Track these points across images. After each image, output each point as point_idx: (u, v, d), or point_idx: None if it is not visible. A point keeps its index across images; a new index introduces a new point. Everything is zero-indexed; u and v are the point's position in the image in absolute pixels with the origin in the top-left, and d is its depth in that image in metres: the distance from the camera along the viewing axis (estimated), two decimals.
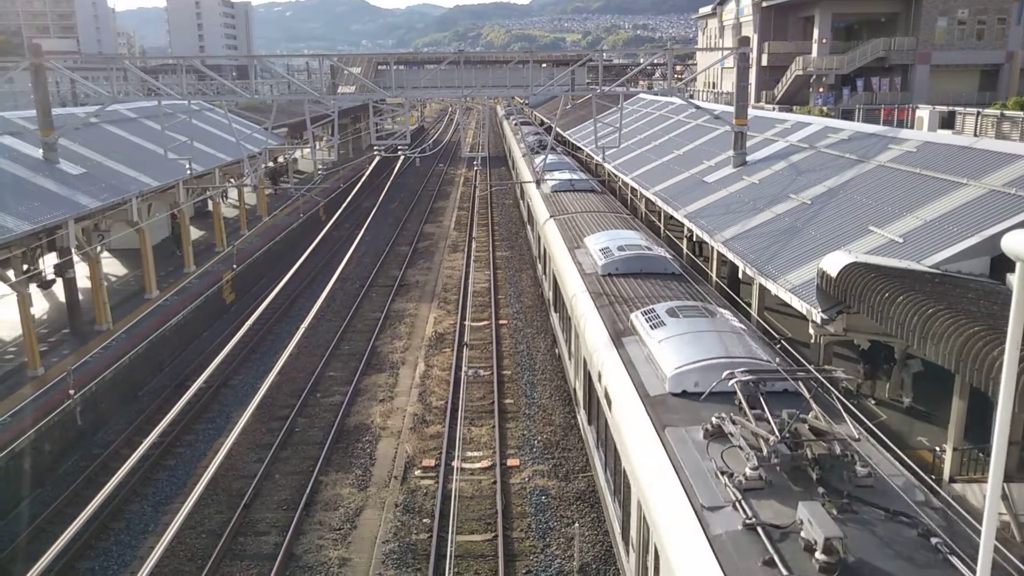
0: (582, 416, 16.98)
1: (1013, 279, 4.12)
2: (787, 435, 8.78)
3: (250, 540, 15.74)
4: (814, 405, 9.63)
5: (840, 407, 10.43)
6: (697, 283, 17.75)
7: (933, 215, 16.39)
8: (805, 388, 10.13)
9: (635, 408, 11.42)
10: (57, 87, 54.34)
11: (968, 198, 16.39)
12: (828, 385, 10.64)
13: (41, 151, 26.14)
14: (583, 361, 16.09)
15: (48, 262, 24.46)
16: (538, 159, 33.15)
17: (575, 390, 18.11)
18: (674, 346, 12.33)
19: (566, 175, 33.07)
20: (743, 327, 13.61)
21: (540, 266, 28.59)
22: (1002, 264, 14.09)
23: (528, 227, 36.15)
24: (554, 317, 23.18)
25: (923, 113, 38.57)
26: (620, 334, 14.35)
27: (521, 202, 43.50)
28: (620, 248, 19.05)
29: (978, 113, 35.42)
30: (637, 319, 14.35)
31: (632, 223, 25.16)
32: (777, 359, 12.11)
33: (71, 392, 19.57)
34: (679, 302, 14.84)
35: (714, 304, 15.36)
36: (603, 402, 13.31)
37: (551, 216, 26.34)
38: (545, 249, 25.55)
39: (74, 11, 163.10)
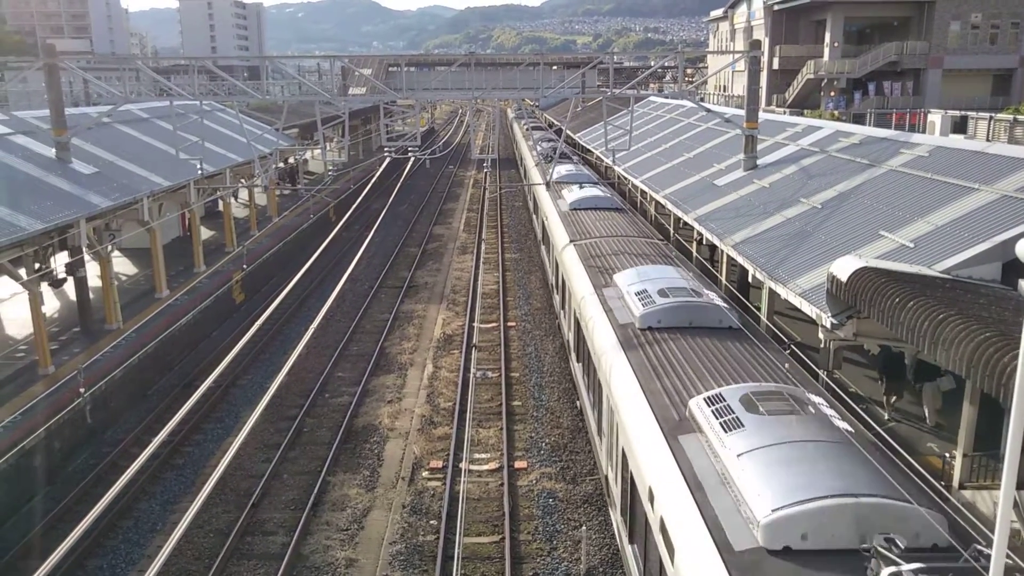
0: (618, 522, 13.14)
1: None
2: None
3: (258, 540, 15.77)
4: None
5: None
6: (763, 343, 13.65)
7: (944, 220, 16.32)
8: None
9: (713, 573, 7.64)
10: (70, 87, 54.65)
11: (980, 203, 16.31)
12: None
13: (54, 150, 26.30)
14: (621, 454, 12.39)
15: (59, 261, 24.60)
16: (553, 169, 32.58)
17: (606, 478, 14.61)
18: (762, 467, 8.40)
19: (586, 191, 29.54)
20: (849, 428, 9.70)
21: (557, 297, 25.25)
22: (1014, 270, 14.00)
23: (543, 248, 32.42)
24: (577, 369, 19.50)
25: (935, 117, 38.41)
26: (675, 429, 10.42)
27: (534, 218, 39.45)
28: (661, 293, 15.39)
29: (991, 118, 35.24)
30: (700, 410, 10.30)
31: (667, 252, 21.49)
32: (919, 499, 7.95)
33: (81, 391, 19.66)
34: (755, 385, 10.72)
35: (798, 384, 11.61)
36: (658, 538, 9.40)
37: (571, 241, 23.08)
38: (565, 281, 22.10)
39: (88, 12, 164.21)
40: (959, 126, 36.62)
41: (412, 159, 40.32)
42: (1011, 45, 56.80)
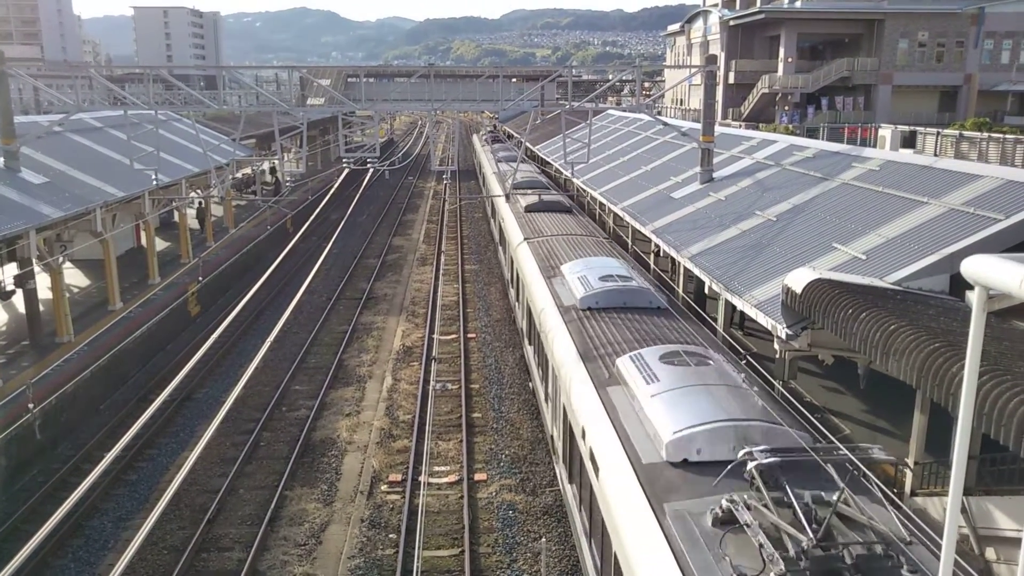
0: (561, 470, 14.93)
1: (972, 296, 4.22)
2: (817, 528, 7.35)
3: (213, 556, 15.50)
4: (844, 486, 8.06)
5: (879, 492, 8.60)
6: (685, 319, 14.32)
7: (895, 233, 16.69)
8: (834, 468, 8.46)
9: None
10: (20, 95, 53.53)
11: (928, 216, 16.72)
12: (862, 467, 8.58)
13: (2, 160, 25.72)
14: (562, 410, 14.13)
15: (8, 272, 24.03)
16: (512, 180, 32.49)
17: (551, 437, 16.13)
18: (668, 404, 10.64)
19: (541, 195, 29.30)
20: (743, 376, 11.70)
21: (512, 291, 23.95)
22: (961, 281, 14.35)
23: (499, 249, 31.33)
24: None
25: (885, 132, 39.34)
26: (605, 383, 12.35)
27: (492, 221, 37.60)
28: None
29: (938, 133, 36.21)
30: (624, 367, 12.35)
31: (610, 247, 20.64)
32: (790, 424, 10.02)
33: (30, 406, 19.18)
34: (670, 346, 12.81)
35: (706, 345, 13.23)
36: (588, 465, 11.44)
37: (525, 239, 22.18)
38: (519, 275, 20.00)
39: (38, 18, 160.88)
40: (908, 141, 37.57)
41: (371, 170, 40.17)
42: (956, 63, 58.51)
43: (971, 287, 4.18)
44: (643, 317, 15.77)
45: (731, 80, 62.94)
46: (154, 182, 29.75)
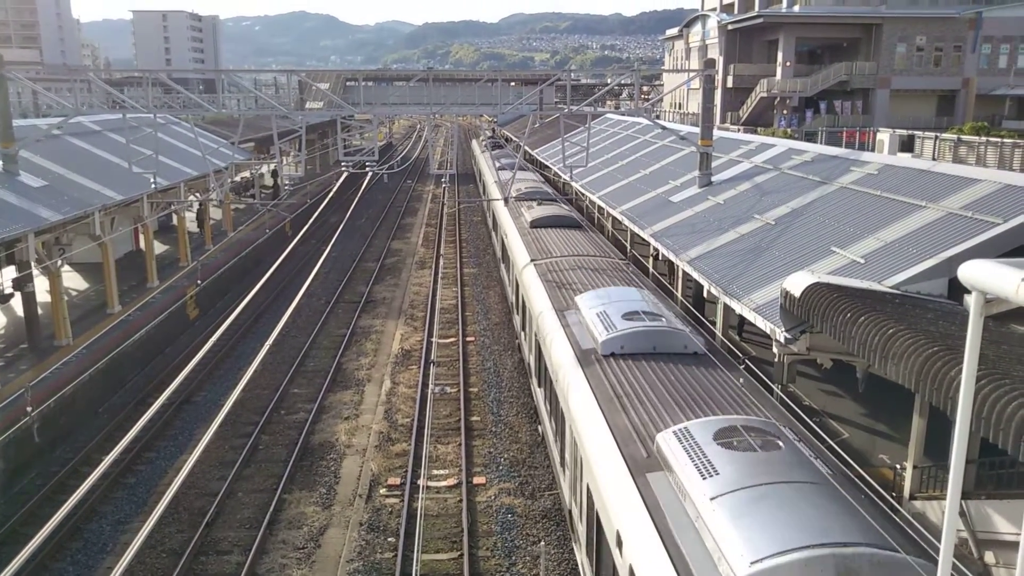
0: (584, 562, 12.30)
1: (970, 301, 4.24)
2: None
3: (212, 559, 15.49)
4: None
5: None
6: (729, 370, 13.03)
7: (893, 236, 16.71)
8: None
9: None
10: (19, 98, 53.56)
11: (927, 220, 16.74)
12: None
13: (1, 163, 25.72)
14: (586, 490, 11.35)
15: (7, 276, 24.02)
16: (511, 188, 32.10)
17: (569, 512, 13.58)
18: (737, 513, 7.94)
19: (546, 208, 29.01)
20: (825, 466, 9.12)
21: (518, 317, 23.19)
22: (960, 285, 14.35)
23: (502, 266, 29.90)
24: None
25: (884, 136, 39.40)
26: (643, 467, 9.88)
27: (493, 235, 37.07)
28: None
29: (936, 137, 36.29)
30: (668, 446, 9.68)
31: (628, 272, 21.11)
32: None
33: (28, 409, 19.17)
34: (724, 419, 10.08)
35: (768, 415, 10.91)
36: None
37: (531, 260, 21.64)
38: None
39: (37, 21, 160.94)
40: (906, 145, 37.63)
41: (370, 173, 40.18)
42: (954, 67, 58.64)
43: (970, 291, 4.20)
44: (679, 368, 13.16)
45: (729, 84, 63.04)
46: (153, 185, 29.75)
